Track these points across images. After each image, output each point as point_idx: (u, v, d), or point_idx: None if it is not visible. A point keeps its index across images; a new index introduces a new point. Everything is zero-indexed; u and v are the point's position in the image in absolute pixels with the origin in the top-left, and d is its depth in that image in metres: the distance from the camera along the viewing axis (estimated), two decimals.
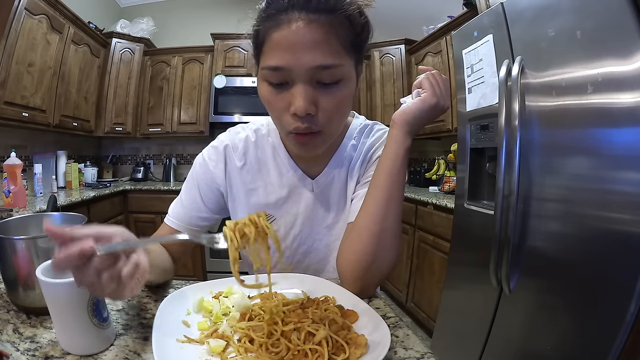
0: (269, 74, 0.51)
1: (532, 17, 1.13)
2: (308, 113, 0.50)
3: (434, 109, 0.59)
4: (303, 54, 0.48)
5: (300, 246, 0.70)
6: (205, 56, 3.04)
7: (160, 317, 0.43)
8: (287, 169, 0.68)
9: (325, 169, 0.67)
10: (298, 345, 0.40)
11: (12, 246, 0.45)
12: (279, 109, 0.53)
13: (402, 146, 0.58)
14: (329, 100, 0.52)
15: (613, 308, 0.88)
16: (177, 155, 3.38)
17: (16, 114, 1.90)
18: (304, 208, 0.68)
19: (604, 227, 0.91)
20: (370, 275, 0.56)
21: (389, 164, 0.58)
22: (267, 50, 0.51)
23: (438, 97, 0.59)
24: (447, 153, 2.47)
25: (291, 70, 0.49)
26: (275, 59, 0.50)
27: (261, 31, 0.52)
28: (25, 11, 1.88)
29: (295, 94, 0.50)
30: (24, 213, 1.31)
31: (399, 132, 0.59)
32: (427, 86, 0.60)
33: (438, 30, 2.48)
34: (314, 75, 0.50)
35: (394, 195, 0.57)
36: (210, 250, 2.68)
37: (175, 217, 0.68)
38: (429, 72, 0.61)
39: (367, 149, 0.68)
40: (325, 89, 0.51)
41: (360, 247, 0.56)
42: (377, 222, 0.56)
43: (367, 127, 0.71)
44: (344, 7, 0.49)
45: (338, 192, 0.68)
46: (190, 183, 0.70)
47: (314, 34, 0.48)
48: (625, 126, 0.87)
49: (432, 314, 1.99)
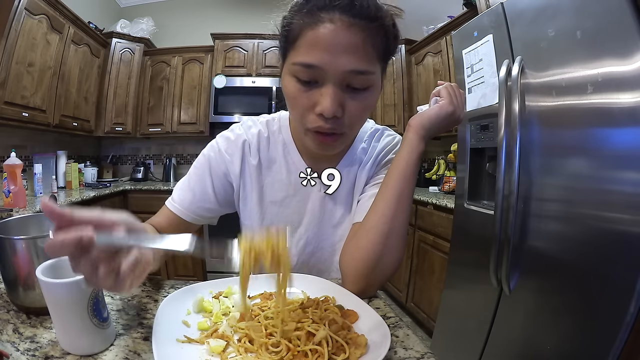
0: (300, 70, 0.51)
1: (532, 17, 1.13)
2: (334, 115, 0.51)
3: (451, 116, 0.61)
4: (340, 56, 0.48)
5: (306, 246, 0.70)
6: (205, 56, 3.04)
7: (160, 317, 0.43)
8: (297, 167, 0.68)
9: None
10: (298, 346, 0.40)
11: (12, 246, 0.45)
12: (304, 106, 0.53)
13: (417, 150, 0.59)
14: (355, 106, 0.52)
15: (613, 308, 0.88)
16: (177, 155, 3.38)
17: (16, 114, 1.90)
18: (311, 207, 0.68)
19: (604, 227, 0.91)
20: (374, 275, 0.56)
21: (402, 165, 0.59)
22: (302, 46, 0.50)
23: (455, 106, 0.61)
24: (447, 153, 2.47)
25: (325, 70, 0.49)
26: (310, 57, 0.49)
27: (296, 24, 0.51)
28: (25, 11, 1.88)
29: (324, 94, 0.50)
30: (24, 213, 1.31)
31: (415, 135, 0.60)
32: (445, 95, 0.62)
33: (438, 30, 2.48)
34: (345, 78, 0.50)
35: (404, 197, 0.58)
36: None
37: (181, 203, 0.66)
38: (447, 83, 0.64)
39: (378, 152, 0.69)
40: (353, 93, 0.52)
41: (368, 245, 0.57)
42: (386, 221, 0.57)
43: (378, 132, 0.72)
44: (383, 17, 0.50)
45: (345, 193, 0.69)
46: (202, 171, 0.67)
47: (352, 38, 0.48)
48: (625, 126, 0.87)
49: (432, 314, 1.99)
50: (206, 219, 0.70)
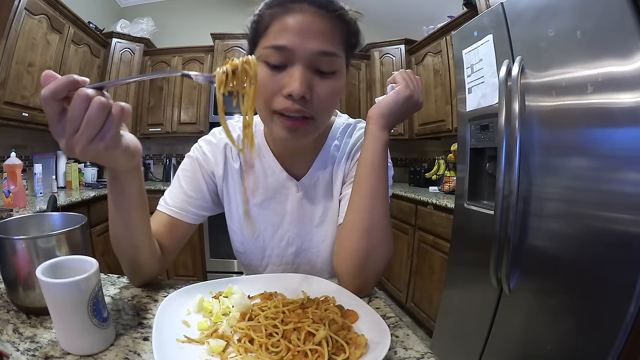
0: (270, 53, 0.52)
1: (532, 17, 1.13)
2: (302, 96, 0.51)
3: (409, 100, 0.60)
4: (309, 39, 0.51)
5: (289, 246, 0.70)
6: (205, 56, 3.04)
7: (160, 317, 0.43)
8: (273, 171, 0.68)
9: (310, 170, 0.68)
10: (298, 346, 0.40)
11: (12, 246, 0.45)
12: (272, 91, 0.53)
13: (380, 140, 0.59)
14: (324, 89, 0.54)
15: (613, 308, 0.88)
16: (177, 155, 3.38)
17: (16, 114, 1.90)
18: (290, 208, 0.68)
19: (604, 227, 0.91)
20: (367, 272, 0.56)
21: (369, 158, 0.59)
22: (272, 32, 0.53)
23: (412, 90, 0.60)
24: (447, 153, 2.47)
25: (294, 51, 0.51)
26: (281, 39, 0.51)
27: (267, 14, 0.54)
28: (25, 11, 1.88)
29: (293, 75, 0.51)
30: (24, 213, 1.31)
31: (375, 126, 0.60)
32: (400, 80, 0.62)
33: (438, 30, 2.48)
34: (314, 60, 0.52)
35: (378, 189, 0.58)
36: (210, 250, 2.69)
37: (177, 205, 0.64)
38: (402, 70, 0.64)
39: (351, 147, 0.69)
40: (321, 76, 0.54)
41: (352, 244, 0.57)
42: (365, 217, 0.57)
43: (350, 127, 0.71)
44: (344, 11, 0.54)
45: (323, 192, 0.69)
46: (193, 171, 0.67)
47: (320, 24, 0.52)
48: (625, 126, 0.87)
49: (432, 314, 1.99)
50: (202, 218, 0.69)
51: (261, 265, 0.72)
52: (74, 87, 0.35)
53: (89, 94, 0.34)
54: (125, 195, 0.48)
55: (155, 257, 0.57)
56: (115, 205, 0.49)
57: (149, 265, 0.57)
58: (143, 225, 0.53)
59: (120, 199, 0.49)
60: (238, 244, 0.72)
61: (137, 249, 0.53)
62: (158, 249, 0.59)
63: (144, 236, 0.54)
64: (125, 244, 0.53)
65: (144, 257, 0.55)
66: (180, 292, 0.51)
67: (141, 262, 0.55)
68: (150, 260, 0.56)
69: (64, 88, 0.34)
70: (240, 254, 0.73)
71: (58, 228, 0.55)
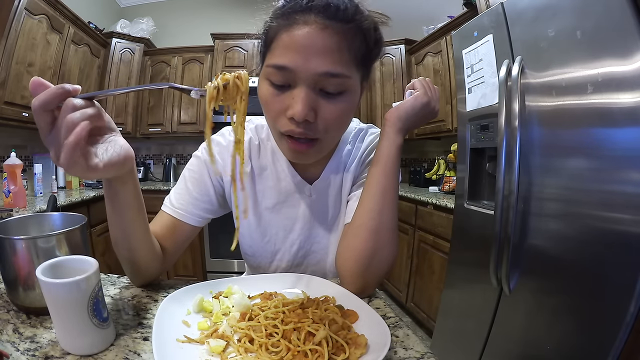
0: (272, 73, 0.50)
1: (532, 17, 1.13)
2: (306, 119, 0.49)
3: (426, 107, 0.61)
4: (312, 58, 0.47)
5: (299, 250, 0.70)
6: (205, 56, 3.04)
7: (160, 317, 0.43)
8: (286, 175, 0.67)
9: (322, 174, 0.67)
10: (298, 346, 0.40)
11: (12, 246, 0.45)
12: (276, 111, 0.52)
13: (395, 143, 0.59)
14: (329, 110, 0.51)
15: (613, 308, 0.88)
16: (177, 155, 3.38)
17: (16, 114, 1.90)
18: (302, 213, 0.68)
19: (604, 227, 0.91)
20: (370, 273, 0.56)
21: (383, 160, 0.59)
22: (276, 48, 0.50)
23: (429, 97, 0.61)
24: (447, 153, 2.47)
25: (296, 72, 0.48)
26: (282, 58, 0.48)
27: (272, 28, 0.51)
28: (25, 11, 1.88)
29: (295, 97, 0.49)
30: (24, 213, 1.31)
31: (391, 128, 0.60)
32: (418, 86, 0.63)
33: (438, 30, 2.48)
34: (318, 81, 0.49)
35: (389, 191, 0.58)
36: (210, 250, 2.69)
37: (182, 207, 0.63)
38: (421, 77, 0.65)
39: (362, 152, 0.69)
40: (327, 98, 0.50)
41: (359, 244, 0.56)
42: (374, 217, 0.57)
43: (362, 131, 0.72)
44: (360, 19, 0.49)
45: (334, 196, 0.69)
46: (200, 173, 0.66)
47: (326, 40, 0.47)
48: (625, 126, 0.87)
49: (432, 314, 1.99)
50: (207, 221, 0.69)
51: (270, 268, 0.72)
52: (65, 97, 0.34)
53: (76, 105, 0.34)
54: (120, 200, 0.48)
55: (154, 258, 0.57)
56: (111, 209, 0.49)
57: (148, 266, 0.56)
58: (140, 229, 0.52)
59: (116, 203, 0.48)
60: (247, 247, 0.72)
61: (135, 251, 0.53)
62: (158, 250, 0.58)
63: (141, 239, 0.53)
64: (123, 246, 0.53)
65: (142, 259, 0.55)
66: (180, 292, 0.51)
67: (140, 264, 0.55)
68: (149, 262, 0.56)
69: (54, 99, 0.34)
70: (249, 257, 0.73)
71: (58, 228, 0.55)
